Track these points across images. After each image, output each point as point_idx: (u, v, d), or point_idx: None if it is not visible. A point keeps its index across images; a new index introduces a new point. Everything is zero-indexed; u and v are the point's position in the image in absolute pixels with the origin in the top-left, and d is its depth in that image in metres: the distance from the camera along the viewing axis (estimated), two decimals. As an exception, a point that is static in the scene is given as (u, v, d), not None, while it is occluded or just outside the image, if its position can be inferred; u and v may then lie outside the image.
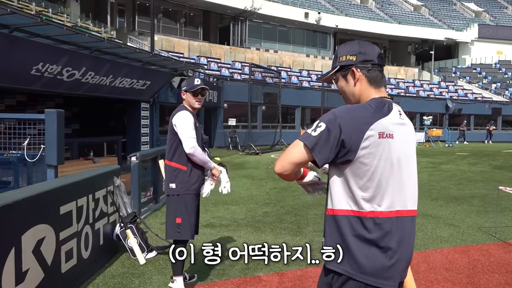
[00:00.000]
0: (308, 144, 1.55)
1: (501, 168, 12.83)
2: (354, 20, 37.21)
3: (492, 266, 4.13)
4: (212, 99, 18.73)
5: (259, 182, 9.66)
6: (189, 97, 3.51)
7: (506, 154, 18.33)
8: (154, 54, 12.09)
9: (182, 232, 3.41)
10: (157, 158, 7.04)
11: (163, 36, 28.28)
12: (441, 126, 30.30)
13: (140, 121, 13.53)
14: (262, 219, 6.10)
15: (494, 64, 41.49)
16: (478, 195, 8.00)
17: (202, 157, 3.41)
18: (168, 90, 15.52)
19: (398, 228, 1.61)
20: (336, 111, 1.61)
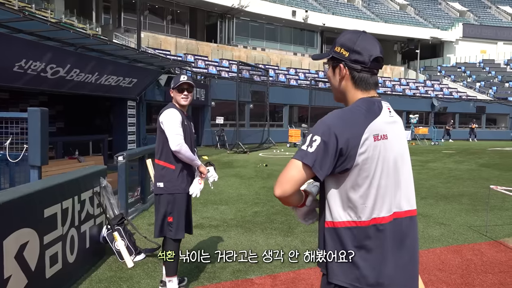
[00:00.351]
0: (307, 162, 1.46)
1: (487, 166, 12.96)
2: (341, 19, 37.32)
3: (485, 266, 4.11)
4: (199, 97, 18.55)
5: (247, 181, 9.57)
6: (175, 94, 3.45)
7: (491, 152, 18.56)
8: (140, 51, 11.90)
9: (174, 231, 3.36)
10: (145, 157, 6.90)
11: (150, 33, 27.96)
12: (427, 124, 30.61)
13: (126, 119, 13.31)
14: (252, 219, 6.01)
15: (478, 63, 42.07)
16: (467, 194, 8.04)
17: (188, 154, 3.34)
18: (155, 88, 15.32)
19: (397, 231, 1.55)
20: (327, 120, 1.51)
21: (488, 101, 33.77)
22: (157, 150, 3.44)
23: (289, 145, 20.86)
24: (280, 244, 4.81)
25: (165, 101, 15.94)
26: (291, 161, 1.50)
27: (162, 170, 3.37)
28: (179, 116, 3.37)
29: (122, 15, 28.46)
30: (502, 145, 24.96)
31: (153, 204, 6.85)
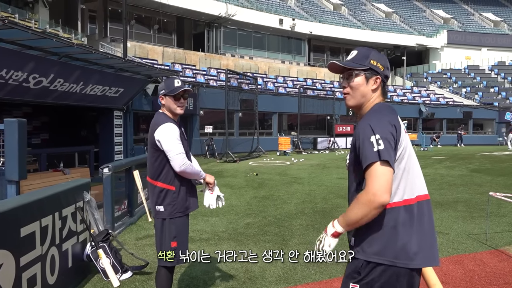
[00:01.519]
0: (388, 158, 1.69)
1: (478, 171, 12.92)
2: (328, 27, 37.53)
3: (489, 278, 3.95)
4: (188, 106, 18.28)
5: (238, 191, 9.34)
6: (169, 102, 3.02)
7: (481, 157, 18.61)
8: (126, 60, 11.64)
9: (176, 258, 2.94)
10: (132, 168, 6.66)
11: (136, 42, 27.71)
12: (415, 130, 30.74)
13: (113, 129, 12.99)
14: (244, 231, 5.78)
15: (463, 69, 42.59)
16: (462, 200, 7.92)
17: (193, 171, 3.02)
18: (143, 98, 15.06)
19: (420, 211, 1.83)
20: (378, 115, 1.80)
21: (475, 106, 34.11)
22: (153, 170, 3.03)
23: (279, 153, 20.69)
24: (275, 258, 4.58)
25: (153, 110, 15.68)
26: (375, 166, 1.69)
27: (161, 193, 3.00)
28: (177, 130, 2.99)
29: (108, 25, 28.18)
30: (490, 149, 25.14)
31: (141, 217, 6.62)
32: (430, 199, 1.90)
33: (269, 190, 9.44)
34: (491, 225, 5.81)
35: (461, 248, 4.89)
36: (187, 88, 3.05)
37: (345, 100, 1.94)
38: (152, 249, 4.98)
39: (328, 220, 6.31)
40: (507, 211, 6.76)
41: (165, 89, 3.02)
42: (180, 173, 2.96)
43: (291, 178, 11.53)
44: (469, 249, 4.82)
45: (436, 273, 4.07)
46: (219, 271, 4.25)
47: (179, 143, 2.96)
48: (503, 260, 4.43)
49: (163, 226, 3.04)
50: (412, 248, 1.75)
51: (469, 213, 6.72)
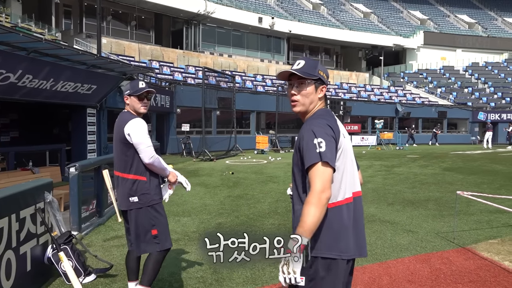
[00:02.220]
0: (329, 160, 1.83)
1: (450, 170, 13.16)
2: (307, 26, 37.66)
3: (454, 276, 3.98)
4: (164, 104, 18.09)
5: (213, 190, 9.25)
6: (134, 102, 3.21)
7: (454, 156, 18.99)
8: (99, 57, 11.38)
9: (162, 242, 3.20)
10: (101, 167, 6.49)
11: (113, 39, 27.23)
12: (391, 129, 31.19)
13: (86, 127, 12.69)
14: (216, 231, 5.70)
15: (438, 69, 43.42)
16: (433, 198, 8.03)
17: (160, 165, 3.21)
18: (117, 95, 14.75)
19: (358, 208, 2.00)
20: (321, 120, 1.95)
21: (449, 106, 34.82)
22: (121, 163, 3.19)
23: (256, 152, 20.66)
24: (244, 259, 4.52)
25: (128, 108, 15.42)
26: (317, 167, 1.82)
27: (134, 184, 3.14)
28: (146, 125, 3.21)
29: (83, 20, 27.60)
30: (463, 148, 25.70)
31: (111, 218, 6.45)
32: (361, 195, 2.05)
33: (243, 189, 9.39)
34: (459, 224, 5.89)
35: (429, 246, 4.93)
36: (150, 89, 3.24)
37: (294, 106, 2.08)
38: (120, 251, 4.87)
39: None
40: (475, 209, 6.88)
41: (130, 89, 3.23)
42: (148, 165, 3.13)
43: (267, 177, 11.50)
44: (437, 248, 4.87)
45: (402, 272, 4.10)
46: (187, 272, 4.18)
47: (148, 137, 3.16)
48: (469, 258, 4.49)
49: (138, 217, 3.16)
50: (352, 242, 1.92)
51: (439, 212, 6.81)
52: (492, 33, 47.67)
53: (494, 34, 47.60)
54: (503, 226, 5.89)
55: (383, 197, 8.20)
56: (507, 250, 4.76)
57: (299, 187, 1.99)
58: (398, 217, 6.43)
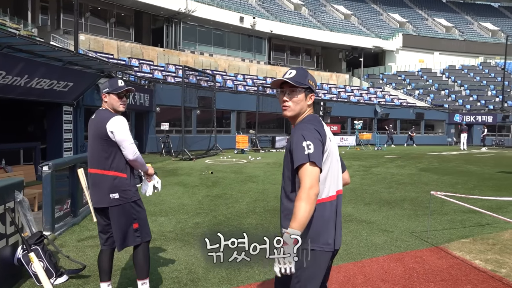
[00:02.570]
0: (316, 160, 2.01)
1: (426, 170, 13.41)
2: (288, 26, 37.81)
3: (427, 275, 4.05)
4: (143, 102, 17.89)
5: (191, 189, 9.19)
6: (113, 100, 3.25)
7: (430, 157, 19.35)
8: (75, 53, 11.16)
9: (142, 235, 3.30)
10: (76, 166, 6.37)
11: (91, 35, 26.76)
12: (370, 130, 31.58)
13: (62, 125, 12.44)
14: (193, 231, 5.67)
15: (417, 71, 44.21)
16: (408, 198, 8.16)
17: (142, 161, 3.32)
18: (95, 93, 14.51)
19: (339, 204, 2.19)
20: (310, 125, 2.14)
21: (426, 108, 35.48)
22: (102, 160, 3.20)
23: (236, 152, 20.62)
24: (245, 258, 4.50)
25: (106, 106, 15.19)
26: (305, 167, 1.99)
27: (114, 181, 3.18)
28: (127, 123, 3.26)
29: (61, 16, 27.05)
30: (440, 149, 26.24)
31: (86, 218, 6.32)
32: (342, 193, 2.27)
33: (222, 188, 9.35)
34: (433, 223, 6.01)
35: (404, 245, 5.00)
36: (129, 88, 3.29)
37: (285, 111, 2.27)
38: (94, 251, 4.78)
39: (278, 220, 6.30)
40: (449, 209, 7.02)
41: (109, 87, 3.25)
42: (132, 161, 3.20)
43: (246, 176, 11.49)
44: (411, 247, 4.95)
45: (377, 271, 4.15)
46: (162, 272, 4.13)
47: (130, 134, 3.23)
48: (442, 257, 4.57)
49: (120, 213, 3.20)
50: (333, 236, 2.12)
51: (414, 211, 6.93)
52: (469, 37, 48.81)
53: (470, 38, 48.75)
54: (475, 225, 6.02)
55: (360, 197, 8.29)
56: (478, 249, 4.87)
57: (287, 186, 2.18)
58: (374, 217, 6.51)
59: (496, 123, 34.17)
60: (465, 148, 27.21)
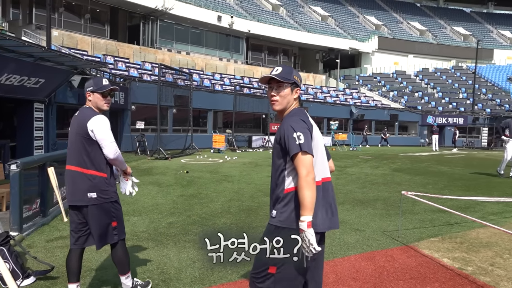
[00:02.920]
0: (308, 149, 2.22)
1: (399, 170, 13.68)
2: (266, 26, 37.92)
3: (397, 273, 4.13)
4: (118, 100, 17.61)
5: (166, 189, 9.10)
6: (97, 99, 3.31)
7: (403, 157, 19.75)
8: (47, 49, 10.89)
9: (119, 233, 3.37)
10: (46, 165, 6.22)
11: (65, 31, 26.18)
12: (346, 130, 32.00)
13: (33, 123, 12.10)
14: (166, 231, 5.61)
15: (391, 73, 45.04)
16: (381, 198, 8.30)
17: (122, 159, 3.37)
18: (67, 90, 14.21)
19: (328, 190, 2.39)
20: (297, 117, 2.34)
21: (400, 109, 36.20)
22: (82, 158, 3.22)
23: (213, 151, 20.55)
24: (193, 258, 4.48)
25: (79, 103, 14.86)
26: (300, 155, 2.20)
27: (94, 180, 3.21)
28: (108, 122, 3.30)
29: (33, 11, 26.33)
30: (413, 150, 26.81)
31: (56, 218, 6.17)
32: (331, 180, 2.45)
33: (197, 188, 9.30)
34: (404, 222, 6.13)
35: (375, 244, 5.09)
36: (114, 87, 3.37)
37: (273, 105, 2.45)
38: (63, 252, 4.67)
39: (252, 219, 6.32)
40: (420, 208, 7.18)
41: (93, 86, 3.29)
42: (112, 160, 3.24)
43: (221, 176, 11.46)
44: (382, 246, 5.04)
45: (348, 270, 4.21)
46: (133, 273, 4.07)
47: (111, 133, 3.26)
48: (411, 256, 4.67)
49: (98, 212, 3.23)
50: (320, 218, 2.27)
51: (386, 211, 7.05)
52: (441, 41, 50.05)
53: (443, 41, 50.00)
54: (444, 224, 6.18)
55: (334, 197, 8.37)
56: (446, 248, 5.00)
57: (276, 173, 2.39)
58: (347, 216, 6.60)
59: (466, 125, 35.19)
60: (437, 149, 27.89)
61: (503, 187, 10.05)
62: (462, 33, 52.81)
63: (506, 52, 49.99)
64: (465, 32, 52.82)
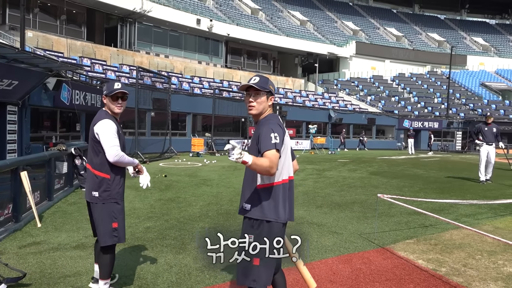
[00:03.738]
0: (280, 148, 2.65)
1: (376, 173, 13.88)
2: (245, 30, 38.01)
3: (373, 275, 4.18)
4: (95, 103, 17.32)
5: (143, 193, 8.99)
6: (108, 102, 3.51)
7: (380, 161, 20.06)
8: (21, 50, 10.64)
9: (119, 236, 3.47)
10: (18, 169, 6.07)
11: (40, 32, 25.64)
12: (324, 134, 32.31)
13: (5, 126, 11.78)
14: (143, 235, 5.55)
15: (369, 78, 45.77)
16: (358, 201, 8.40)
17: (126, 160, 3.48)
18: (42, 92, 13.89)
19: (291, 187, 2.83)
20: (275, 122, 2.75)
21: (378, 113, 36.79)
22: (92, 159, 3.48)
23: (192, 155, 20.43)
24: (170, 263, 4.44)
25: (54, 106, 14.58)
26: (269, 152, 2.57)
27: (97, 180, 3.42)
28: (115, 126, 3.44)
29: (7, 11, 25.68)
30: (390, 154, 27.26)
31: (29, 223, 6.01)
32: (293, 179, 2.90)
33: (176, 192, 9.22)
34: (381, 225, 6.22)
35: (352, 247, 5.14)
36: (124, 90, 3.50)
37: (250, 110, 2.80)
38: (36, 258, 4.57)
39: (231, 223, 6.30)
40: (396, 211, 7.30)
41: (106, 90, 3.51)
42: (114, 163, 3.38)
43: (200, 179, 11.40)
44: (359, 248, 5.10)
45: (325, 272, 4.24)
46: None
47: (115, 137, 3.40)
48: (387, 258, 4.74)
49: (100, 210, 3.42)
50: (283, 211, 2.73)
51: (363, 214, 7.14)
52: (417, 47, 51.17)
53: (419, 47, 51.13)
54: (419, 226, 6.30)
55: (312, 200, 8.45)
56: (421, 249, 5.09)
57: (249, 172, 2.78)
58: (325, 219, 6.65)
59: (441, 129, 36.01)
60: (413, 152, 28.43)
61: (476, 190, 10.32)
62: (437, 39, 54.12)
63: (478, 58, 51.49)
64: (439, 38, 54.15)
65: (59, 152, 8.58)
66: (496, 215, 7.21)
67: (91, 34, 30.88)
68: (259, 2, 46.17)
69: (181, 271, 4.21)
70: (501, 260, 4.74)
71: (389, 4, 59.59)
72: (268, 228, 2.66)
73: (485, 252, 5.01)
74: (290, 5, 49.79)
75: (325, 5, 54.24)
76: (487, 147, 11.59)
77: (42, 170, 7.57)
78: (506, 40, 57.36)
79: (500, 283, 4.04)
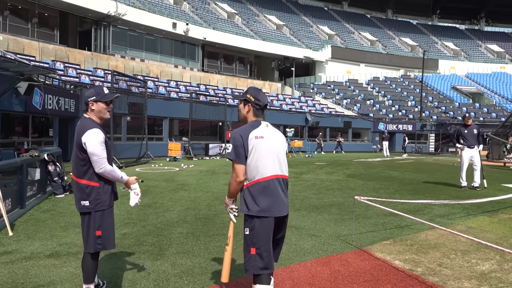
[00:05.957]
0: (233, 159, 3.03)
1: (353, 176, 14.05)
2: (222, 34, 38.01)
3: (351, 277, 4.22)
4: (68, 108, 16.98)
5: (120, 199, 8.77)
6: (101, 107, 3.42)
7: (357, 163, 20.33)
8: (-9, 54, 10.34)
9: (104, 244, 3.43)
10: (-12, 177, 5.86)
11: (10, 36, 25.01)
12: (301, 137, 32.54)
13: (-26, 132, 11.46)
14: (119, 242, 5.44)
15: (344, 82, 46.43)
16: (336, 203, 8.48)
17: (113, 174, 3.41)
18: (13, 97, 13.53)
19: (274, 184, 3.05)
20: (237, 132, 3.06)
21: (353, 116, 37.32)
22: (78, 168, 3.38)
23: (169, 159, 20.23)
24: (147, 270, 4.37)
25: (26, 111, 14.21)
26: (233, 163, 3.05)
27: (86, 189, 3.36)
28: (103, 135, 3.37)
29: (-25, 14, 24.97)
30: (366, 156, 27.67)
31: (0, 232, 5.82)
32: (284, 177, 3.16)
33: (153, 197, 9.10)
34: (358, 226, 6.29)
35: (330, 249, 5.18)
36: (118, 95, 3.58)
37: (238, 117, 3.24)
38: (7, 268, 4.42)
39: (209, 227, 6.27)
40: (372, 213, 7.40)
41: (96, 95, 3.40)
42: (100, 174, 3.36)
43: (178, 184, 11.29)
44: (337, 250, 5.14)
45: (304, 275, 4.25)
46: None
47: (103, 148, 3.34)
48: (365, 259, 4.80)
49: (88, 219, 3.39)
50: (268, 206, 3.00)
51: (340, 216, 7.21)
52: (391, 51, 52.25)
53: (392, 52, 52.22)
54: (395, 227, 6.40)
55: (291, 203, 8.47)
56: (398, 250, 5.17)
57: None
58: (303, 222, 6.68)
59: (415, 132, 36.80)
60: (388, 155, 28.93)
61: (449, 191, 10.57)
62: (410, 43, 55.40)
63: (449, 62, 52.98)
64: (412, 43, 55.44)
65: (31, 158, 8.35)
66: (468, 215, 7.40)
67: (64, 38, 30.29)
68: (235, 6, 46.31)
69: (159, 277, 4.16)
70: (474, 259, 4.86)
71: (363, 9, 60.73)
72: (257, 222, 3.00)
73: (459, 252, 5.13)
74: (266, 10, 50.12)
75: (301, 10, 54.82)
76: (470, 151, 10.78)
77: (14, 176, 7.36)
78: (475, 45, 59.25)
79: (474, 281, 4.14)
